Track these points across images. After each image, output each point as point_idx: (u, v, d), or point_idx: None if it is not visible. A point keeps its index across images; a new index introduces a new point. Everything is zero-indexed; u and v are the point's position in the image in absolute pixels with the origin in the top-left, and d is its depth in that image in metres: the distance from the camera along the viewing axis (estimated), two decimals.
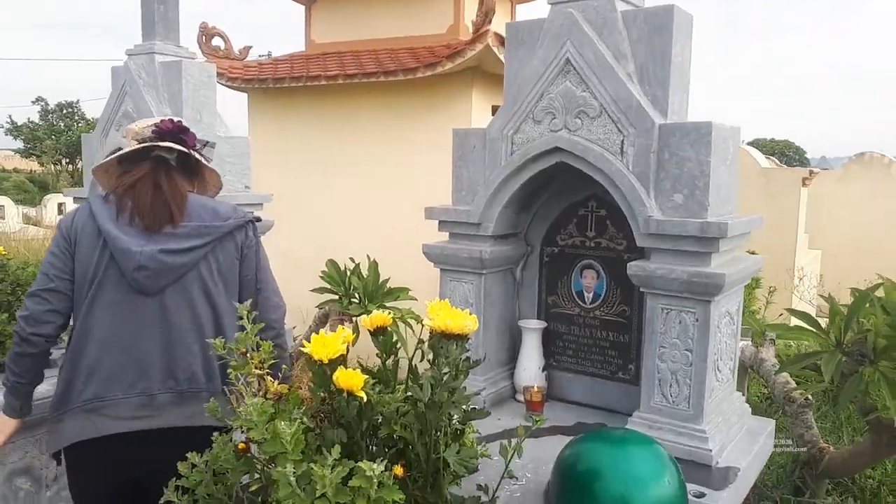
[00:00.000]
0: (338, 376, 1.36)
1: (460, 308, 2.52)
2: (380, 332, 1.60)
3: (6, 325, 2.76)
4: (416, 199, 6.35)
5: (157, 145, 1.96)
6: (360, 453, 1.44)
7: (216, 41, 7.50)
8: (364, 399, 1.36)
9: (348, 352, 1.47)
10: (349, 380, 1.36)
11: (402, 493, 1.30)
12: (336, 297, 4.86)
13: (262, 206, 3.41)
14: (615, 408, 2.45)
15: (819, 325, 2.81)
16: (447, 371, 1.41)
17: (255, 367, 1.51)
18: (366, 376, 1.39)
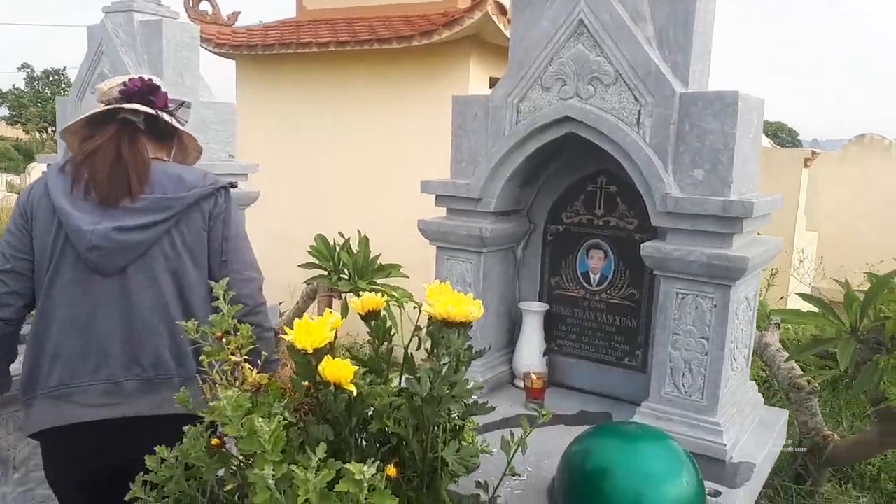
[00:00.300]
0: (324, 367, 1.20)
1: (458, 289, 2.37)
2: (372, 317, 1.44)
3: None
4: (409, 172, 6.16)
5: (123, 107, 1.79)
6: (349, 451, 1.29)
7: (203, 6, 7.22)
8: (354, 392, 1.21)
9: (336, 337, 1.31)
10: (337, 371, 1.20)
11: (395, 500, 1.15)
12: (325, 272, 4.70)
13: (246, 177, 3.22)
14: (619, 395, 2.31)
15: (833, 311, 2.68)
16: (447, 362, 1.25)
17: (232, 354, 1.35)
18: (356, 367, 1.23)
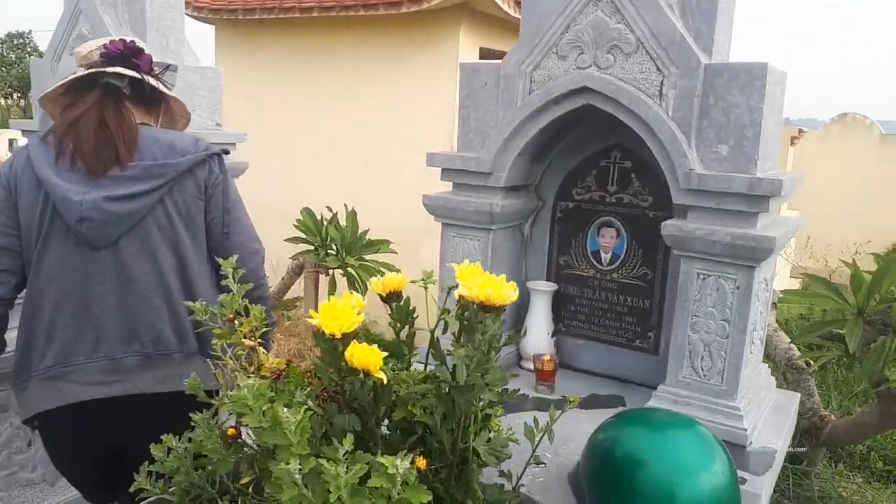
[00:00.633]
0: (352, 353, 1.11)
1: None
2: (393, 298, 1.35)
3: None
4: (395, 142, 6.03)
5: (105, 71, 1.66)
6: (374, 442, 1.21)
7: None
8: (384, 380, 1.12)
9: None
10: (365, 357, 1.11)
11: (429, 494, 1.07)
12: (311, 247, 4.58)
13: (234, 146, 3.08)
14: (630, 378, 2.25)
15: (838, 292, 2.65)
16: (482, 348, 1.17)
17: (245, 337, 1.25)
18: (384, 353, 1.14)
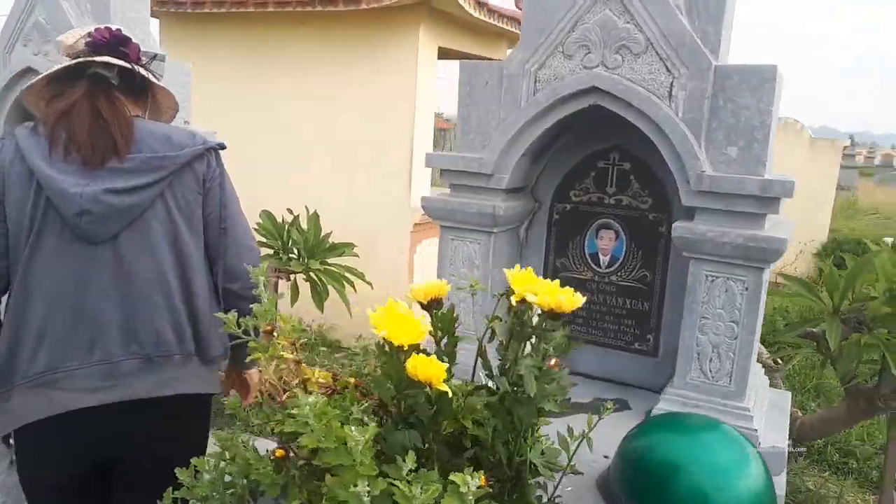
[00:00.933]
0: (414, 365, 1.04)
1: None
2: (435, 305, 1.29)
3: None
4: (349, 143, 5.92)
5: (93, 61, 1.56)
6: (428, 458, 1.15)
7: None
8: (448, 393, 1.06)
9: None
10: (428, 369, 1.05)
11: None
12: (272, 251, 4.43)
13: None
14: (629, 381, 2.25)
15: (814, 291, 2.74)
16: (545, 357, 1.12)
17: (284, 350, 1.17)
18: (445, 364, 1.08)
